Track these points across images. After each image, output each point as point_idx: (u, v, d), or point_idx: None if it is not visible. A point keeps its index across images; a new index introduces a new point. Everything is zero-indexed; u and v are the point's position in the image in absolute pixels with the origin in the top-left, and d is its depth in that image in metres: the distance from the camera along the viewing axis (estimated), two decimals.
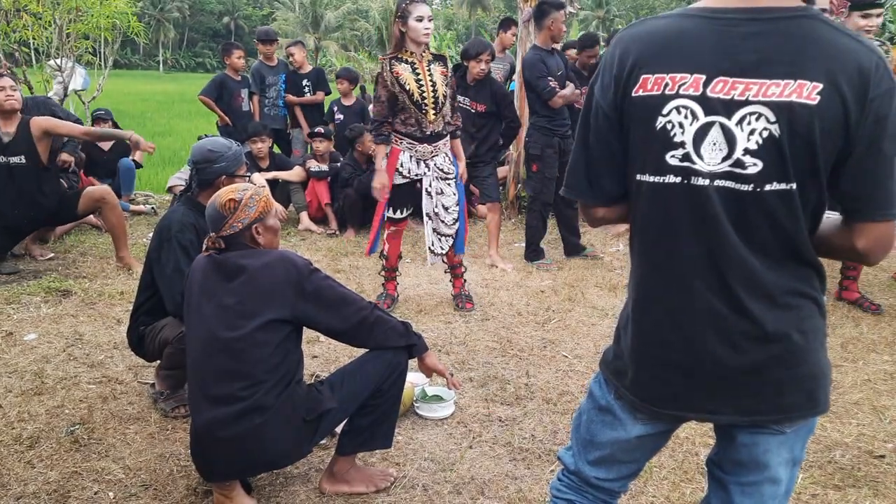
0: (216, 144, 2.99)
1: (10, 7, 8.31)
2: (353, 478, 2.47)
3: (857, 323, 4.25)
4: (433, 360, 2.51)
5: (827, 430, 2.95)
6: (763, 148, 1.24)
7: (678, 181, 1.31)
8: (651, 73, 1.30)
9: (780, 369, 1.34)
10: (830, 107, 1.20)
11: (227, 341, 2.19)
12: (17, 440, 2.76)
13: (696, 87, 1.27)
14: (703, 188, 1.29)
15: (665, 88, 1.29)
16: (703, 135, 1.27)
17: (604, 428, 1.54)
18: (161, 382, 3.03)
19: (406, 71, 4.00)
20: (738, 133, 1.25)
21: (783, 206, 1.26)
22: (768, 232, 1.28)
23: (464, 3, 54.84)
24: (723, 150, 1.26)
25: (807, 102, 1.20)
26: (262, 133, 6.45)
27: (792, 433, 1.40)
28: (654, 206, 1.36)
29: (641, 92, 1.31)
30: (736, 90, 1.24)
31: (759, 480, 1.43)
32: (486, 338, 3.94)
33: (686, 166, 1.30)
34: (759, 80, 1.23)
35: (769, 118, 1.22)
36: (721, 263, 1.31)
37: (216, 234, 2.30)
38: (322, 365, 3.50)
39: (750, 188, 1.26)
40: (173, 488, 2.49)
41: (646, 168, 1.34)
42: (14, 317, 4.07)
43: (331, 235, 6.28)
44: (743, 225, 1.28)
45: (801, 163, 1.23)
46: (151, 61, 65.63)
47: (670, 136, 1.30)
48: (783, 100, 1.21)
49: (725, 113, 1.25)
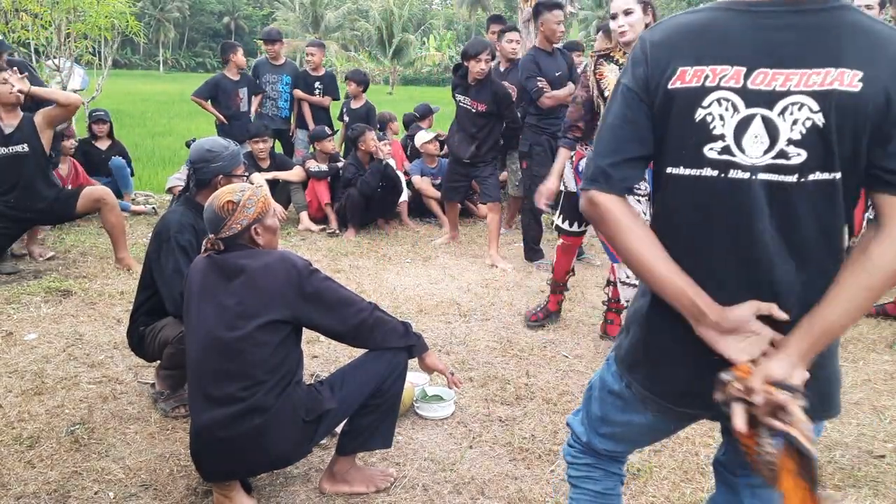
0: (213, 144, 2.99)
1: (9, 7, 8.31)
2: (353, 478, 2.47)
3: (857, 323, 4.24)
4: (433, 359, 2.51)
5: (827, 430, 2.94)
6: (807, 137, 1.24)
7: (715, 174, 1.29)
8: (690, 66, 1.29)
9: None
10: (873, 93, 1.21)
11: (227, 342, 2.19)
12: (17, 440, 2.76)
13: (737, 79, 1.26)
14: (742, 182, 1.28)
15: (706, 80, 1.28)
16: (745, 127, 1.27)
17: (616, 410, 1.55)
18: (161, 382, 3.03)
19: (612, 73, 3.56)
20: (781, 124, 1.24)
21: (825, 198, 1.26)
22: (808, 226, 1.27)
23: (464, 3, 54.83)
24: (764, 142, 1.26)
25: (849, 90, 1.21)
26: (265, 133, 6.47)
27: None
28: (686, 201, 1.34)
29: (679, 84, 1.30)
30: (777, 81, 1.24)
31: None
32: (486, 338, 3.94)
33: (725, 159, 1.28)
34: (800, 69, 1.23)
35: (812, 108, 1.23)
36: (752, 261, 1.30)
37: (215, 236, 2.30)
38: (322, 365, 3.50)
39: (794, 179, 1.25)
40: (173, 488, 2.49)
41: (681, 161, 1.32)
42: (14, 317, 4.07)
43: (331, 235, 6.28)
44: (782, 220, 1.27)
45: (845, 151, 1.24)
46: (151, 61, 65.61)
47: (710, 129, 1.28)
48: (825, 88, 1.22)
49: (767, 104, 1.25)
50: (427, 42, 52.02)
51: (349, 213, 6.28)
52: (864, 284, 1.23)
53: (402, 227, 6.69)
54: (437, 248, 5.94)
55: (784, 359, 1.25)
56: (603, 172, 1.36)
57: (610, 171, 1.36)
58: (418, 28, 54.13)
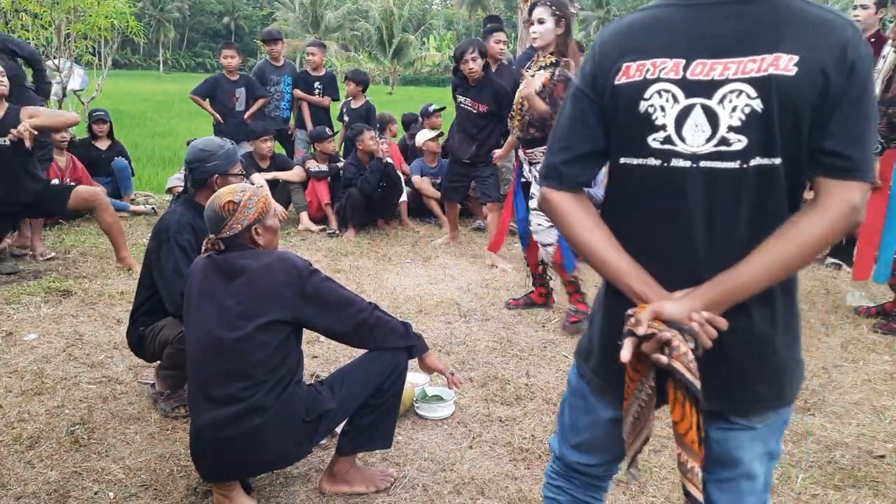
0: (208, 144, 2.99)
1: (9, 7, 8.31)
2: (353, 478, 2.47)
3: (857, 323, 4.25)
4: (433, 359, 2.51)
5: (827, 430, 2.95)
6: (746, 124, 1.27)
7: (658, 163, 1.33)
8: (633, 61, 1.34)
9: (749, 359, 1.35)
10: (809, 76, 1.23)
11: (227, 342, 2.19)
12: (17, 440, 2.76)
13: (676, 70, 1.30)
14: (683, 170, 1.31)
15: (646, 73, 1.33)
16: (685, 117, 1.30)
17: (581, 413, 1.57)
18: (161, 382, 3.03)
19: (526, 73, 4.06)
20: (721, 112, 1.28)
21: (768, 183, 1.28)
22: (750, 214, 1.30)
23: (464, 3, 54.83)
24: (706, 131, 1.29)
25: (785, 74, 1.24)
26: (270, 132, 6.51)
27: (764, 428, 1.40)
28: (634, 189, 1.38)
29: (624, 79, 1.35)
30: (715, 71, 1.28)
31: (734, 476, 1.43)
32: (486, 338, 3.94)
33: (667, 149, 1.32)
34: (738, 58, 1.27)
35: (750, 94, 1.26)
36: (696, 248, 1.33)
37: (216, 236, 2.30)
38: (322, 365, 3.50)
39: (736, 165, 1.28)
40: (173, 488, 2.49)
41: (629, 151, 1.37)
42: (14, 317, 4.07)
43: (331, 235, 6.28)
44: (725, 207, 1.30)
45: (786, 135, 1.26)
46: (151, 61, 65.62)
47: (652, 120, 1.33)
48: (762, 74, 1.25)
49: (706, 94, 1.28)
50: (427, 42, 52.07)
51: (349, 213, 6.28)
52: (781, 252, 1.26)
53: (402, 227, 6.69)
54: (437, 248, 5.94)
55: (680, 301, 1.28)
56: (555, 170, 1.43)
57: (562, 169, 1.42)
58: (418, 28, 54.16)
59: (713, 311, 1.28)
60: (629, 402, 1.37)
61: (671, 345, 1.25)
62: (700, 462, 1.32)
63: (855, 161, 1.25)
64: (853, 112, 1.25)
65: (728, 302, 1.28)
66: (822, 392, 3.30)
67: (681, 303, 1.28)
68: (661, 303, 1.29)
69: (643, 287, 1.34)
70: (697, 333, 1.26)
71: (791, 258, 1.27)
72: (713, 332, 1.27)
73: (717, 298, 1.28)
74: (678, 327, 1.26)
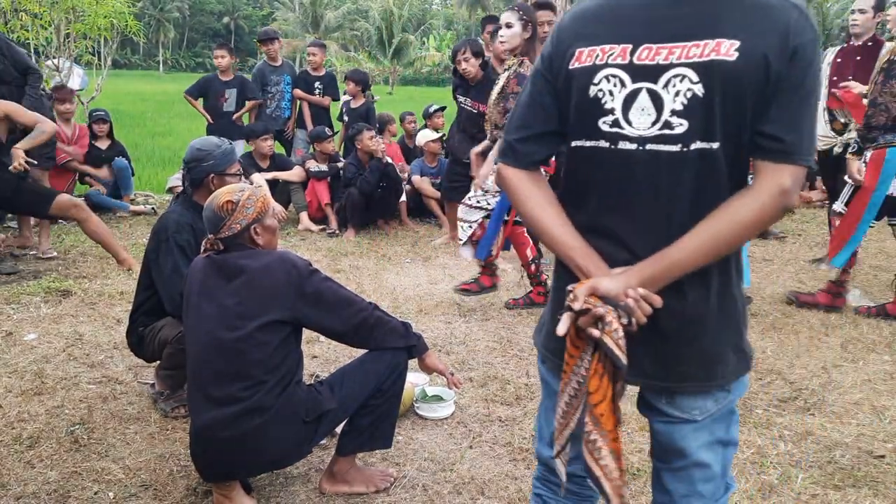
0: (205, 143, 2.99)
1: (8, 7, 8.31)
2: (353, 478, 2.47)
3: (856, 323, 4.25)
4: (433, 359, 2.51)
5: (827, 430, 2.95)
6: (688, 108, 1.29)
7: (607, 146, 1.37)
8: (585, 47, 1.38)
9: (678, 337, 1.37)
10: (750, 61, 1.25)
11: (227, 342, 2.19)
12: (17, 440, 2.76)
13: (623, 56, 1.34)
14: (630, 152, 1.35)
15: (596, 59, 1.36)
16: (632, 101, 1.33)
17: (547, 399, 1.59)
18: (161, 382, 3.03)
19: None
20: (665, 96, 1.30)
21: (708, 167, 1.31)
22: (691, 196, 1.32)
23: (464, 3, 54.83)
24: (651, 114, 1.32)
25: (725, 59, 1.26)
26: (271, 132, 6.54)
27: (707, 420, 1.41)
28: (586, 170, 1.42)
29: (577, 64, 1.38)
30: (660, 55, 1.31)
31: (685, 465, 1.45)
32: (486, 338, 3.94)
33: (615, 132, 1.36)
34: (682, 43, 1.29)
35: (692, 78, 1.28)
36: (641, 228, 1.36)
37: (215, 236, 2.30)
38: (322, 365, 3.50)
39: (678, 148, 1.31)
40: (173, 488, 2.49)
41: (581, 134, 1.41)
42: (14, 317, 4.07)
43: (331, 235, 6.28)
44: (669, 188, 1.33)
45: (727, 120, 1.28)
46: (151, 61, 65.61)
47: (601, 104, 1.36)
48: (703, 59, 1.27)
49: (652, 78, 1.31)
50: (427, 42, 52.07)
51: (349, 213, 6.29)
52: (715, 231, 1.28)
53: (402, 227, 6.69)
54: (437, 248, 5.94)
55: (617, 278, 1.32)
56: (511, 147, 1.48)
57: (517, 147, 1.47)
58: (418, 28, 54.16)
59: (649, 287, 1.31)
60: (567, 378, 1.39)
61: (604, 320, 1.29)
62: (609, 442, 1.35)
63: (789, 144, 1.27)
64: (794, 97, 1.27)
65: (664, 279, 1.31)
66: (822, 392, 3.31)
67: (617, 279, 1.31)
68: (598, 279, 1.33)
69: (586, 262, 1.37)
70: (632, 309, 1.29)
71: (724, 237, 1.29)
72: (647, 309, 1.31)
73: (654, 275, 1.31)
74: (614, 303, 1.29)
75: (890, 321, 4.25)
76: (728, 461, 1.49)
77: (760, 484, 2.55)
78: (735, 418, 1.48)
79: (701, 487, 1.46)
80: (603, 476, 1.35)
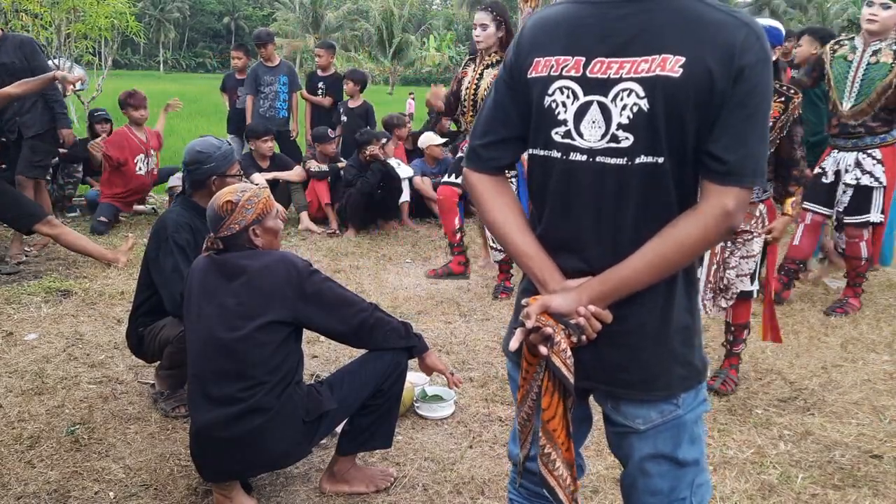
0: (205, 145, 2.97)
1: (9, 7, 8.32)
2: (353, 477, 2.48)
3: (856, 323, 4.25)
4: (434, 359, 2.51)
5: (827, 430, 2.95)
6: (634, 122, 1.30)
7: (559, 156, 1.39)
8: (542, 56, 1.39)
9: (625, 347, 1.38)
10: (695, 79, 1.25)
11: (228, 342, 2.19)
12: (17, 440, 2.76)
13: (577, 68, 1.34)
14: (580, 163, 1.36)
15: (551, 70, 1.37)
16: (583, 113, 1.34)
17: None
18: (161, 382, 3.03)
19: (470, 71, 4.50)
20: (613, 109, 1.31)
21: (654, 182, 1.31)
22: (636, 210, 1.33)
23: (464, 3, 54.82)
24: (601, 127, 1.33)
25: (670, 75, 1.26)
26: (271, 132, 6.55)
27: (651, 430, 1.41)
28: (542, 178, 1.44)
29: (534, 73, 1.40)
30: (611, 69, 1.31)
31: (631, 472, 1.49)
32: (486, 338, 3.95)
33: (567, 143, 1.37)
34: (631, 58, 1.30)
35: (639, 93, 1.29)
36: (592, 239, 1.37)
37: (214, 235, 2.30)
38: (322, 365, 3.50)
39: (623, 161, 1.32)
40: (173, 488, 2.49)
41: (537, 143, 1.42)
42: (14, 317, 4.07)
43: (331, 235, 6.28)
44: (616, 201, 1.34)
45: (672, 135, 1.29)
46: (152, 61, 65.61)
47: (555, 115, 1.37)
48: (651, 75, 1.28)
49: (602, 92, 1.32)
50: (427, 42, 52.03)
51: (349, 213, 6.28)
52: (661, 250, 1.30)
53: (402, 227, 6.69)
54: (438, 248, 5.93)
55: (567, 296, 1.34)
56: (474, 152, 1.49)
57: (480, 151, 1.48)
58: (418, 28, 54.15)
59: (599, 304, 1.33)
60: (526, 388, 1.42)
61: (553, 340, 1.31)
62: (562, 453, 1.38)
63: (732, 165, 1.27)
64: (738, 117, 1.26)
65: (614, 296, 1.33)
66: (821, 392, 3.31)
67: (569, 297, 1.33)
68: (549, 296, 1.35)
69: (543, 273, 1.40)
70: (583, 328, 1.32)
71: (669, 258, 1.31)
72: (598, 326, 1.33)
73: (604, 293, 1.33)
74: (566, 321, 1.32)
75: (890, 321, 4.25)
76: (682, 483, 1.45)
77: (760, 484, 2.55)
78: (691, 437, 1.44)
79: (647, 499, 1.47)
80: (557, 486, 1.39)
